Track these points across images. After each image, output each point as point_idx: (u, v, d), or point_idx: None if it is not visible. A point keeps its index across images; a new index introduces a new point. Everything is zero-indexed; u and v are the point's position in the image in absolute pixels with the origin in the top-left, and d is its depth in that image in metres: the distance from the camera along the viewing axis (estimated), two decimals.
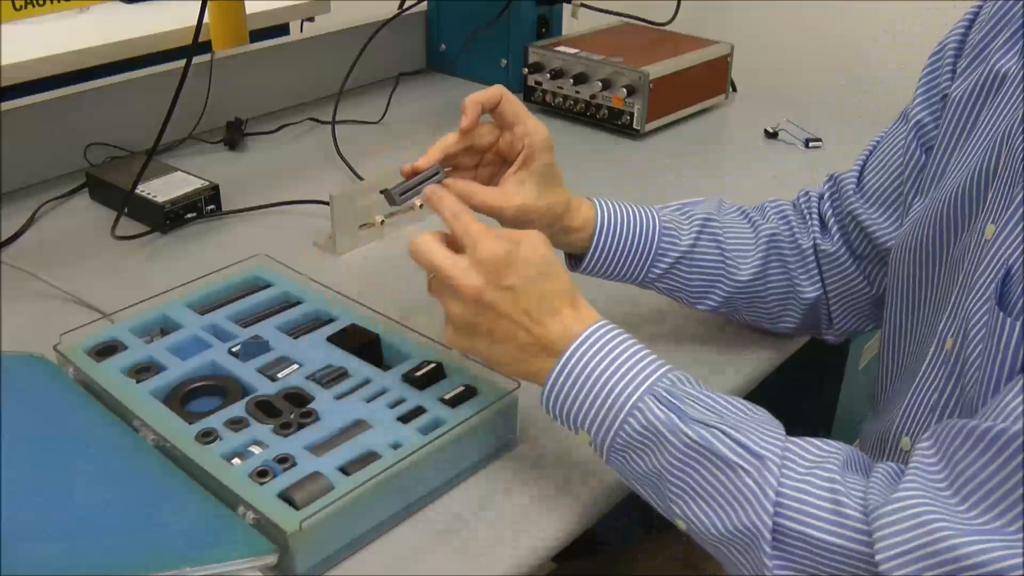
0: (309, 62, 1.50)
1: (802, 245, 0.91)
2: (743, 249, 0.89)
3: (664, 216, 0.87)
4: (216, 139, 1.35)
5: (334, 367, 0.79)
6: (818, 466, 0.63)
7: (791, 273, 0.90)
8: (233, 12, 1.53)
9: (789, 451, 0.64)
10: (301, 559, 0.64)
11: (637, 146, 1.38)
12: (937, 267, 0.76)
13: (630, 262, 0.86)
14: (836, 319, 0.93)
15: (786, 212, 0.93)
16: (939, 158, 0.78)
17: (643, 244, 0.86)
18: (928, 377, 0.74)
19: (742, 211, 0.92)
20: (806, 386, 1.22)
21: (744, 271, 0.88)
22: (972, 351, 0.65)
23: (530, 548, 0.70)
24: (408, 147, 1.36)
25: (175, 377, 0.78)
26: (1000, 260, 0.64)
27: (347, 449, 0.70)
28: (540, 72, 1.44)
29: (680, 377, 0.68)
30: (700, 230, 0.87)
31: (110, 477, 0.67)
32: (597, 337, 0.69)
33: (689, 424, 0.65)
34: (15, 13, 1.89)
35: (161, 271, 1.03)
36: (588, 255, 0.85)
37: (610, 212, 0.85)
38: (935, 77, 0.82)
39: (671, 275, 0.87)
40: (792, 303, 0.91)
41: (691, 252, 0.87)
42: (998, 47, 0.74)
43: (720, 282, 0.88)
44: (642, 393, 0.66)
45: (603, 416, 0.67)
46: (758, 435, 0.64)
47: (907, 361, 0.80)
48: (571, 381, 0.68)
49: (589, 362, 0.68)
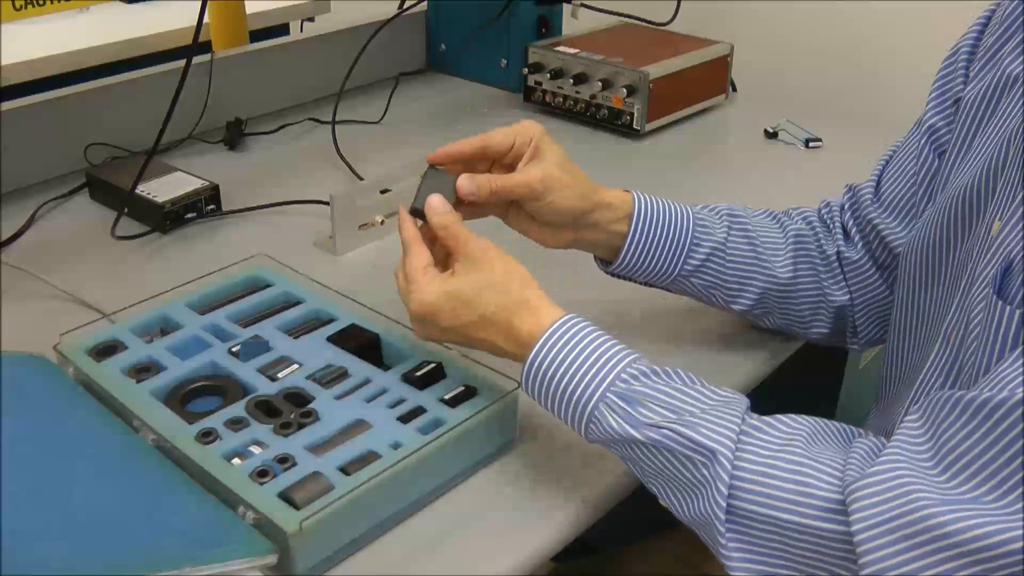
0: (309, 62, 1.50)
1: (827, 252, 0.90)
2: (774, 247, 0.88)
3: (694, 209, 0.87)
4: (216, 139, 1.35)
5: (334, 367, 0.79)
6: (782, 449, 0.63)
7: (820, 277, 0.89)
8: (233, 12, 1.53)
9: (748, 435, 0.64)
10: (301, 559, 0.64)
11: (637, 146, 1.38)
12: (944, 267, 0.76)
13: (667, 252, 0.85)
14: (861, 328, 0.92)
15: (810, 218, 0.92)
16: (951, 161, 0.78)
17: (679, 233, 0.84)
18: (932, 373, 0.74)
19: (767, 212, 0.92)
20: (806, 386, 1.22)
21: (778, 269, 0.88)
22: (970, 340, 0.65)
23: (530, 548, 0.70)
24: (408, 147, 1.37)
25: (175, 377, 0.78)
26: (1003, 252, 0.64)
27: (347, 449, 0.70)
28: (540, 72, 1.44)
29: (637, 372, 0.69)
30: (730, 225, 0.87)
31: (110, 477, 0.67)
32: (560, 335, 0.70)
33: (640, 429, 0.66)
34: (15, 13, 1.89)
35: (161, 271, 1.03)
36: (625, 245, 0.84)
37: (646, 200, 0.85)
38: (948, 82, 0.81)
39: (706, 268, 0.86)
40: (823, 308, 0.90)
41: (725, 245, 0.86)
42: (1010, 50, 0.74)
43: (755, 279, 0.87)
44: (596, 401, 0.68)
45: (570, 418, 0.70)
46: (711, 427, 0.65)
47: (912, 359, 0.80)
48: (538, 384, 0.71)
49: (551, 365, 0.70)
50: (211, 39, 1.50)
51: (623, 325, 0.96)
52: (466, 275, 0.72)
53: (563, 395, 0.69)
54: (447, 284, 0.72)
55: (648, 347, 0.92)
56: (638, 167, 1.32)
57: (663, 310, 0.97)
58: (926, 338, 0.78)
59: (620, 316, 0.97)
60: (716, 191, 1.25)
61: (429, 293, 0.72)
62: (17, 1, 1.89)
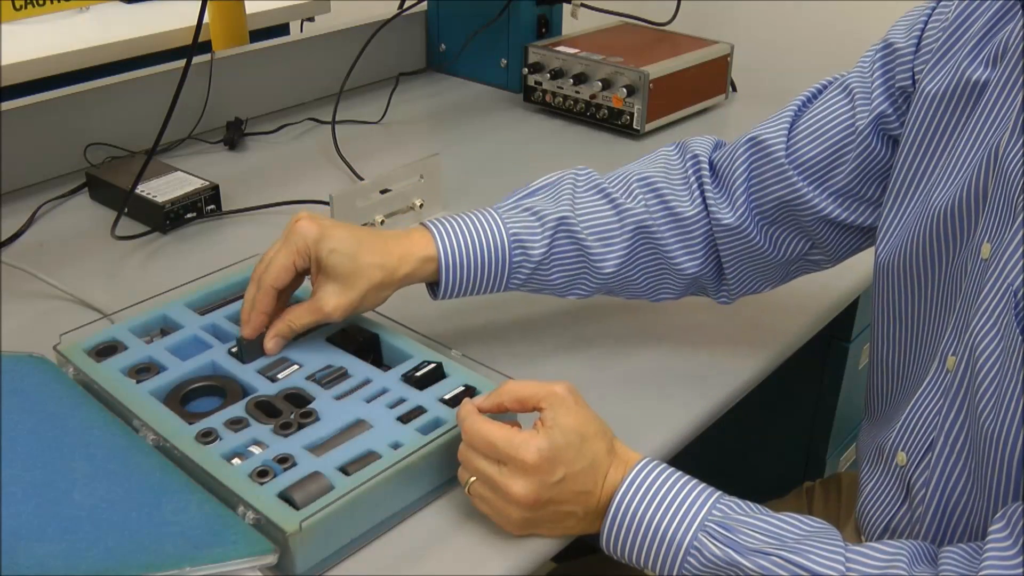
0: (309, 62, 1.50)
1: (682, 215, 0.86)
2: (606, 239, 0.85)
3: (510, 222, 0.84)
4: (216, 139, 1.35)
5: (334, 367, 0.79)
6: (885, 572, 0.62)
7: (664, 253, 0.87)
8: (233, 12, 1.53)
9: (853, 562, 0.63)
10: (301, 559, 0.64)
11: (637, 146, 1.37)
12: (932, 283, 0.76)
13: (485, 282, 0.84)
14: (733, 283, 0.90)
15: (656, 183, 0.88)
16: (919, 160, 0.77)
17: (495, 263, 0.83)
18: (928, 395, 0.74)
19: (601, 191, 0.88)
20: (806, 386, 1.22)
21: (609, 263, 0.85)
22: (983, 378, 0.65)
23: (530, 548, 0.70)
24: (408, 147, 1.37)
25: (175, 377, 0.78)
26: (1005, 283, 0.64)
27: (347, 449, 0.70)
28: (540, 72, 1.44)
29: (731, 505, 0.68)
30: (554, 232, 0.84)
31: (110, 477, 0.67)
32: (641, 480, 0.69)
33: (747, 556, 0.64)
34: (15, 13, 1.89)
35: (161, 271, 1.03)
36: (440, 291, 0.83)
37: (450, 239, 0.82)
38: (890, 71, 0.79)
39: (532, 281, 0.86)
40: (668, 279, 0.88)
41: (548, 257, 0.84)
42: (966, 51, 0.73)
43: (583, 277, 0.86)
44: (695, 532, 0.66)
45: (663, 560, 0.67)
46: (818, 554, 0.63)
47: (904, 376, 0.80)
48: (625, 529, 0.68)
49: (638, 507, 0.68)
50: (211, 39, 1.50)
51: (622, 325, 0.96)
52: (560, 420, 0.69)
53: (656, 532, 0.67)
54: (551, 431, 0.68)
55: (648, 348, 0.92)
56: None
57: (663, 309, 0.97)
58: (918, 356, 0.78)
59: (619, 316, 0.97)
60: None
61: (538, 440, 0.67)
62: (17, 1, 1.89)
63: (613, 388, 0.86)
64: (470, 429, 0.69)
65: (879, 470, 0.80)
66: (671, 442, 0.80)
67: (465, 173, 1.26)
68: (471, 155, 1.33)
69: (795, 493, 1.06)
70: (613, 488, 0.69)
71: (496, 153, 1.35)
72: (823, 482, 1.05)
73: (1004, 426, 0.63)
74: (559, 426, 0.68)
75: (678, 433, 0.81)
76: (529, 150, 1.36)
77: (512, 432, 0.68)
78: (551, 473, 0.67)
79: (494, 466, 0.68)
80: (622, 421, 0.75)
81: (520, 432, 0.68)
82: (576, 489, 0.68)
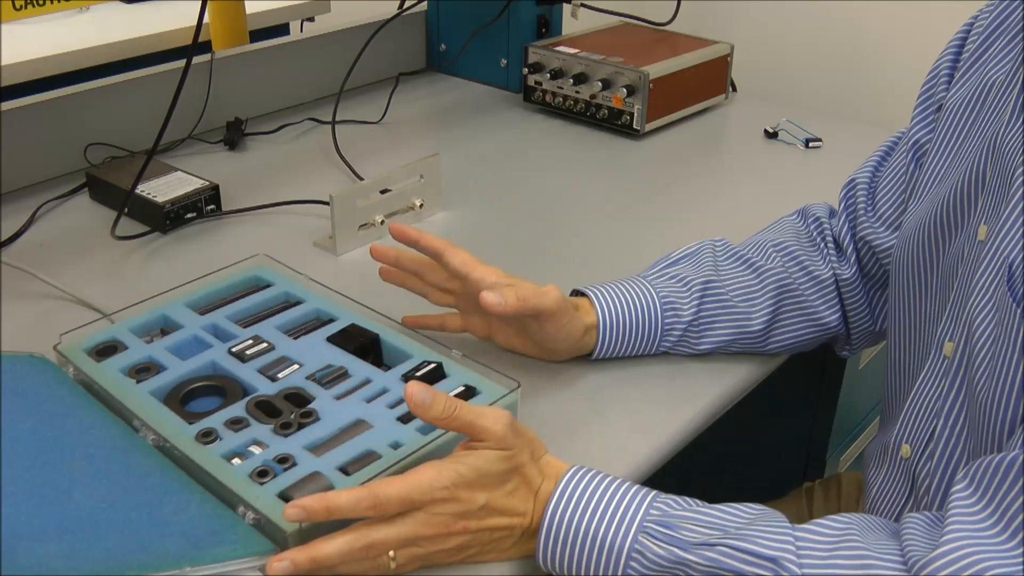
0: (309, 62, 1.50)
1: (819, 277, 0.90)
2: (751, 301, 0.88)
3: (661, 289, 0.87)
4: (216, 139, 1.35)
5: (334, 367, 0.79)
6: (839, 544, 0.61)
7: (808, 310, 0.89)
8: (233, 12, 1.53)
9: (803, 540, 0.62)
10: None
11: (637, 146, 1.38)
12: (932, 274, 0.76)
13: (638, 345, 0.86)
14: (855, 338, 0.93)
15: (789, 248, 0.91)
16: (934, 164, 0.78)
17: (648, 327, 0.86)
18: (928, 383, 0.74)
19: (738, 257, 0.91)
20: (806, 386, 1.22)
21: (756, 323, 0.88)
22: (979, 352, 0.65)
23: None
24: (408, 147, 1.37)
25: (175, 377, 0.78)
26: (1000, 259, 0.64)
27: (347, 449, 0.70)
28: (540, 72, 1.44)
29: (668, 502, 0.66)
30: (701, 297, 0.87)
31: (110, 477, 0.67)
32: (572, 488, 0.66)
33: (692, 551, 0.63)
34: (15, 13, 1.89)
35: (161, 271, 1.03)
36: (596, 351, 0.86)
37: (610, 307, 0.85)
38: (930, 93, 0.82)
39: (682, 345, 0.88)
40: (811, 333, 0.91)
41: (697, 320, 0.87)
42: (993, 56, 0.74)
43: (734, 340, 0.88)
44: (635, 534, 0.64)
45: (603, 568, 0.65)
46: (764, 536, 0.62)
47: (909, 371, 0.80)
48: (560, 541, 0.65)
49: (572, 517, 0.65)
50: (211, 39, 1.50)
51: None
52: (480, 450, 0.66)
53: (593, 539, 0.65)
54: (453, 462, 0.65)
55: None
56: (638, 167, 1.32)
57: None
58: (920, 349, 0.78)
59: None
60: (716, 191, 1.25)
61: (441, 474, 0.64)
62: (17, 1, 1.89)
63: (613, 388, 0.86)
64: (384, 499, 0.62)
65: (885, 467, 0.80)
66: (671, 442, 0.80)
67: (465, 173, 1.26)
68: (471, 155, 1.33)
69: (795, 493, 1.06)
70: (542, 501, 0.67)
71: (496, 153, 1.35)
72: (823, 482, 1.05)
73: (997, 393, 0.63)
74: (475, 454, 0.65)
75: (678, 433, 0.81)
76: (529, 150, 1.36)
77: (417, 476, 0.63)
78: (471, 502, 0.64)
79: (409, 520, 0.63)
80: (622, 421, 0.75)
81: (425, 470, 0.63)
82: (503, 508, 0.65)
